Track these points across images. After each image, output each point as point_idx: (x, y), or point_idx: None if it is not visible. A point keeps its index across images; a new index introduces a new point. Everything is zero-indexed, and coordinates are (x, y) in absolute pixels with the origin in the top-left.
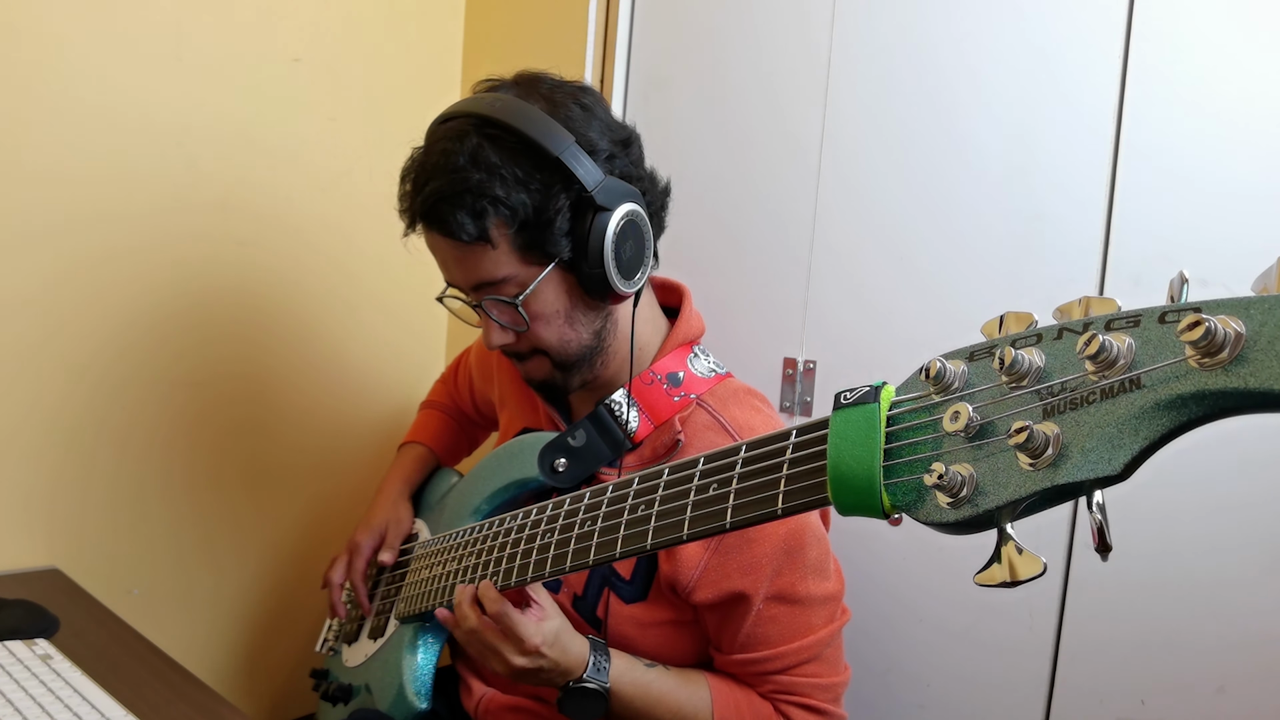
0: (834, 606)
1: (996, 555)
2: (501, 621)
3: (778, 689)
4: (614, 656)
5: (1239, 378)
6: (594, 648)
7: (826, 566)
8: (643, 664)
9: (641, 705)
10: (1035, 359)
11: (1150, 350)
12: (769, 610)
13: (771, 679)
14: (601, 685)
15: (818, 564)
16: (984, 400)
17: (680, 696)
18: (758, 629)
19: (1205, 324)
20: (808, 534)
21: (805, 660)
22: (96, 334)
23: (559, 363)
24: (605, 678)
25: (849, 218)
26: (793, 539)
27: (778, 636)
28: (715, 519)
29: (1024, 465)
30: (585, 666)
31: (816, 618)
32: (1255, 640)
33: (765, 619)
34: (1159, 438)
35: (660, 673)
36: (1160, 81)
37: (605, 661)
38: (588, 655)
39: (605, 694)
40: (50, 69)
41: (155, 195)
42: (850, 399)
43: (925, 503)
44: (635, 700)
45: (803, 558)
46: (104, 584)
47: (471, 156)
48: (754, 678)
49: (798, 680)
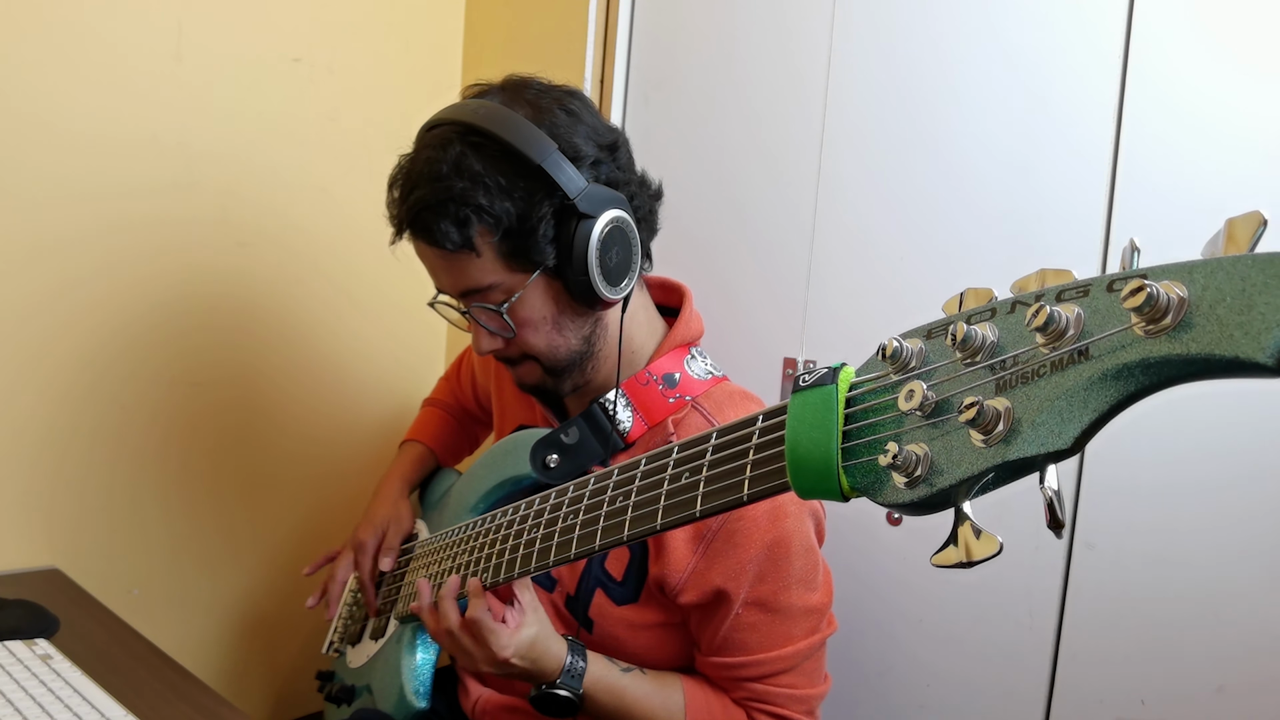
0: (817, 619)
1: (953, 536)
2: (474, 629)
3: (751, 696)
4: (591, 660)
5: (1182, 344)
6: (572, 650)
7: (813, 579)
8: (619, 668)
9: (614, 709)
10: (988, 333)
11: (1098, 320)
12: (748, 616)
13: (746, 685)
14: (574, 691)
15: (803, 575)
16: (939, 378)
17: (654, 701)
18: (735, 633)
19: (1148, 290)
20: (794, 543)
21: (781, 670)
22: (96, 334)
23: (549, 368)
24: (578, 683)
25: (849, 218)
26: (778, 547)
27: (755, 644)
28: (686, 507)
29: (976, 442)
30: (560, 670)
31: (797, 629)
32: (1255, 641)
33: (744, 624)
34: (1108, 409)
35: (636, 677)
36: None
37: (581, 665)
38: (564, 659)
39: (578, 699)
40: (50, 68)
41: (155, 196)
42: (808, 381)
43: (885, 485)
44: (609, 704)
45: (787, 566)
46: (104, 584)
47: (455, 165)
48: (729, 683)
49: (772, 690)
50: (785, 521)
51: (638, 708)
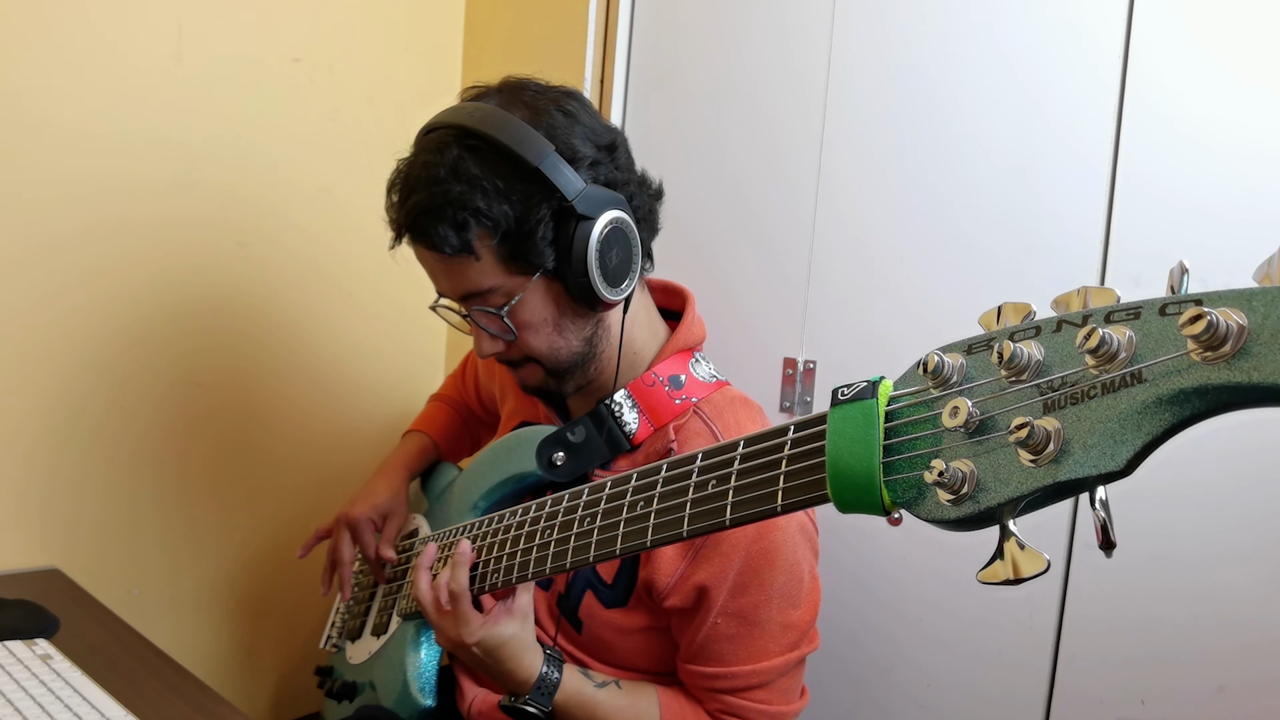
0: (796, 636)
1: (999, 552)
2: (454, 605)
3: (724, 708)
4: (566, 673)
5: (1242, 372)
6: (548, 662)
7: (796, 595)
8: (593, 683)
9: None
10: (1035, 352)
11: (1151, 343)
12: (726, 626)
13: (719, 697)
14: (541, 708)
15: (785, 590)
16: (983, 395)
17: (627, 717)
18: (712, 643)
19: (1207, 317)
20: (779, 557)
21: (756, 685)
22: (96, 334)
23: (551, 370)
24: (548, 701)
25: (849, 217)
26: (763, 559)
27: (730, 655)
28: (715, 515)
29: (1025, 462)
30: (531, 684)
31: (774, 644)
32: (1255, 641)
33: (721, 634)
34: (1162, 432)
35: (610, 692)
36: (1159, 84)
37: (556, 676)
38: (537, 670)
39: (545, 716)
40: (50, 68)
41: (155, 196)
42: (848, 395)
43: (926, 500)
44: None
45: (770, 580)
46: (104, 584)
47: (452, 168)
48: (703, 693)
49: (744, 704)
50: (772, 535)
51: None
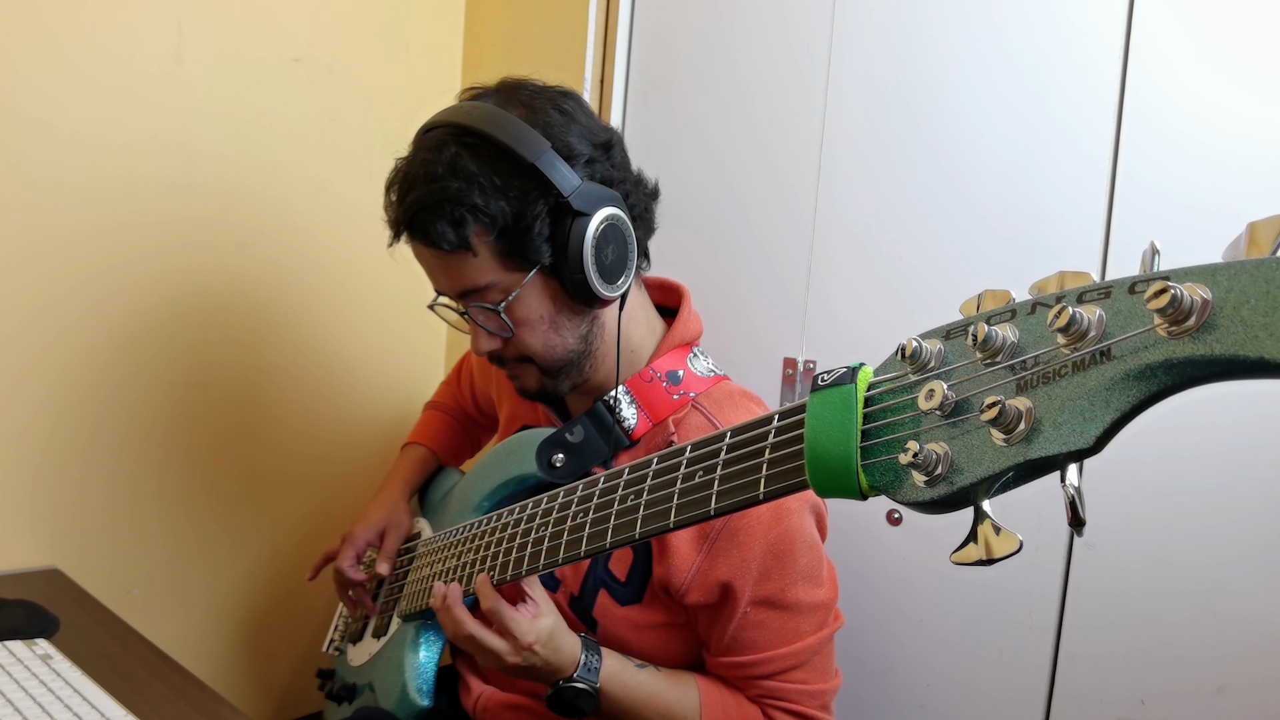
0: (824, 614)
1: (973, 533)
2: (495, 619)
3: (765, 694)
4: (605, 656)
5: (1205, 345)
6: (586, 646)
7: (819, 574)
8: (634, 664)
9: (630, 705)
10: (1009, 334)
11: (1120, 321)
12: (756, 614)
13: (758, 683)
14: (591, 685)
15: (808, 570)
16: (959, 378)
17: (670, 698)
18: (744, 632)
19: (1171, 292)
20: (799, 540)
21: (793, 666)
22: (98, 334)
23: (545, 369)
24: (595, 678)
25: (849, 217)
26: (782, 543)
27: (765, 641)
28: (700, 505)
29: (997, 441)
30: (576, 665)
31: (805, 624)
32: (1255, 641)
33: (752, 623)
34: (1130, 408)
35: (650, 674)
36: (1160, 80)
37: (596, 661)
38: (579, 654)
39: (595, 693)
40: (50, 69)
41: (155, 196)
42: (827, 380)
43: (904, 483)
44: (624, 700)
45: (792, 563)
46: (104, 584)
47: (450, 166)
48: (742, 682)
49: (785, 686)
50: (789, 519)
51: (653, 704)
